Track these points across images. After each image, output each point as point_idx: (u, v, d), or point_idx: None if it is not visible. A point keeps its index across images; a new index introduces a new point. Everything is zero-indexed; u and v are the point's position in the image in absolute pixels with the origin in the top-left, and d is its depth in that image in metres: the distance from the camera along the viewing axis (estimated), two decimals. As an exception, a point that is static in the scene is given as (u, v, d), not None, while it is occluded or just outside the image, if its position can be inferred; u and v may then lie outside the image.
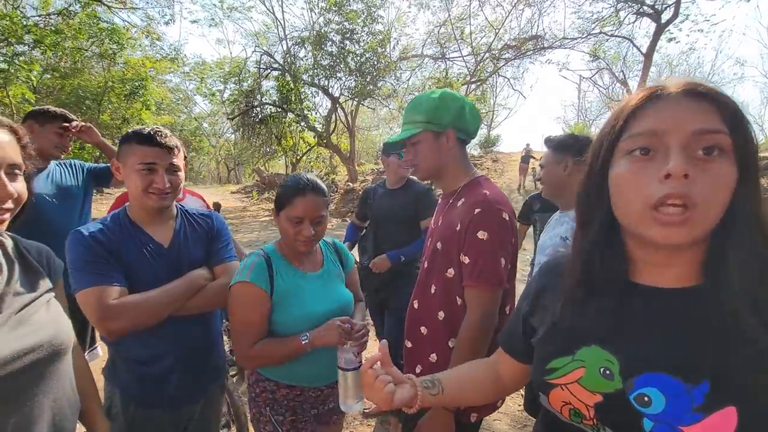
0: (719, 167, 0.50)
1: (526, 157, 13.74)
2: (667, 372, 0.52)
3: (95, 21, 8.94)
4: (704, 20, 14.92)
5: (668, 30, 12.92)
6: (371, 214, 2.61)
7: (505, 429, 2.48)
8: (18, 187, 0.77)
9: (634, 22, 14.08)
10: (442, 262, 1.20)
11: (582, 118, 35.66)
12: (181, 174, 1.22)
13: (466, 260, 1.14)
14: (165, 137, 1.16)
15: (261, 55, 14.00)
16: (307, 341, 1.18)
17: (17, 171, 0.78)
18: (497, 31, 14.41)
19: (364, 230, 2.77)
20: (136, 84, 10.33)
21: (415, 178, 2.45)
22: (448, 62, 15.71)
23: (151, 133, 1.15)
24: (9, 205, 0.76)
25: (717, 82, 21.21)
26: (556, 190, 1.73)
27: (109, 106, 10.58)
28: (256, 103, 14.09)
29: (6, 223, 0.76)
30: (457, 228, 1.16)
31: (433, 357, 1.23)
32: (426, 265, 1.29)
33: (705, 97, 0.52)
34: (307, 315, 1.24)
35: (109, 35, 9.20)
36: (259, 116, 14.25)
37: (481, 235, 1.11)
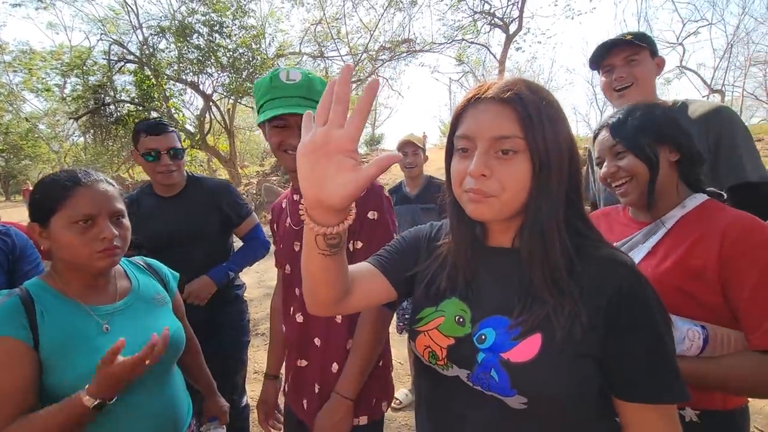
0: (513, 164, 0.63)
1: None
2: (500, 313, 0.66)
3: None
4: (541, 33, 17.73)
5: (515, 41, 14.94)
6: (142, 235, 1.44)
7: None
8: None
9: (489, 32, 15.95)
10: None
11: (454, 116, 39.39)
12: None
13: (359, 244, 1.08)
14: None
15: (110, 44, 12.10)
16: (89, 395, 0.80)
17: None
18: (372, 32, 14.89)
19: None
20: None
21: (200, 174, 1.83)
22: (327, 61, 15.71)
23: None
24: None
25: (553, 87, 25.53)
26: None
27: None
28: (108, 100, 12.13)
29: None
30: None
31: (335, 366, 1.11)
32: (294, 272, 1.18)
33: (508, 102, 0.62)
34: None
35: None
36: (114, 115, 12.31)
37: (372, 215, 1.08)
